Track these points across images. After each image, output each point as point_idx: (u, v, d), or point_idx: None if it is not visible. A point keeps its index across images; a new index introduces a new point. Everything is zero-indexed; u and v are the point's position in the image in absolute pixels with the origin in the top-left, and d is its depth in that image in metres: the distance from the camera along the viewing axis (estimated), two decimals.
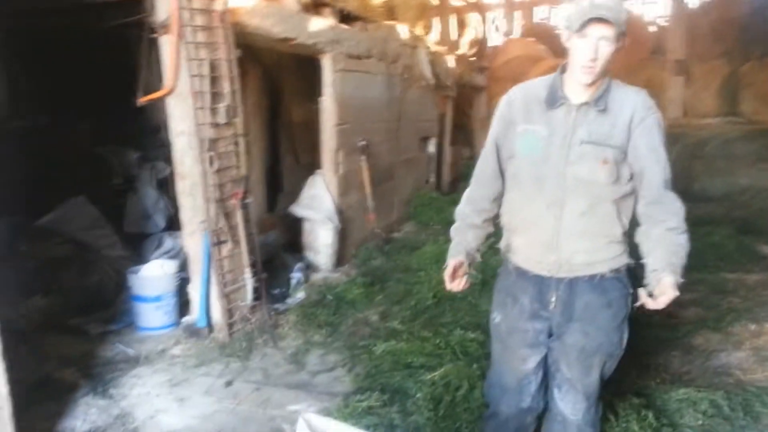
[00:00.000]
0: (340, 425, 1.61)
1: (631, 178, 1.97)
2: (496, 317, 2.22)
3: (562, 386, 2.12)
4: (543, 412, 2.26)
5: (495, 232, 2.29)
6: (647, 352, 3.50)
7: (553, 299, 2.04)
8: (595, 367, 2.07)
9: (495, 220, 2.24)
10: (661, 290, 1.86)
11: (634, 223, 2.07)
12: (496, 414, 2.29)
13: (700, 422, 2.76)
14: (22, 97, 5.47)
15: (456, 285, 2.14)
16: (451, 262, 2.16)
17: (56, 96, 5.37)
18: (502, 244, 2.21)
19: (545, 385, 2.21)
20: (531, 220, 2.04)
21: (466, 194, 2.25)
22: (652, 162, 1.94)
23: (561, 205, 1.95)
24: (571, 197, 1.95)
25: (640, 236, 2.01)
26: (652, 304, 1.89)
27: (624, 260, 2.05)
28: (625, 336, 2.09)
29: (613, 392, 2.74)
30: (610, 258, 2.02)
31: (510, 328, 2.16)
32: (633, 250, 2.09)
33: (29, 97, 5.45)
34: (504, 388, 2.23)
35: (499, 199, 2.19)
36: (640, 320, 3.86)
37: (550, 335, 2.12)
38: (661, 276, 1.86)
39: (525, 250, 2.09)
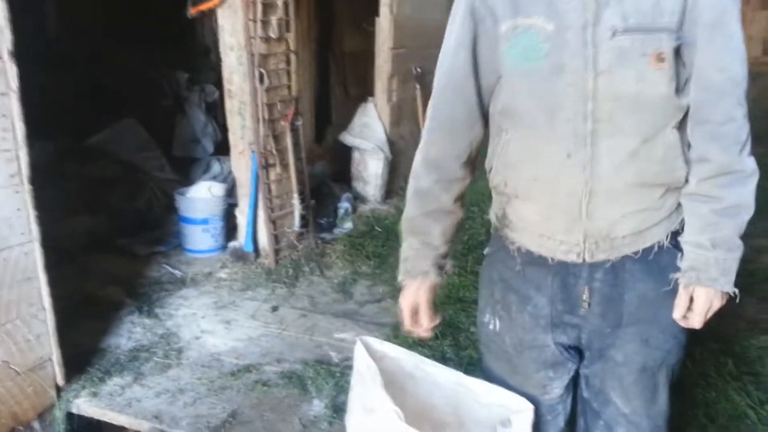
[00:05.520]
0: (401, 350, 1.43)
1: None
2: (493, 322, 1.44)
3: (615, 427, 1.40)
4: None
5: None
6: None
7: (586, 296, 1.32)
8: (662, 387, 1.38)
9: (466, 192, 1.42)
10: (678, 303, 1.26)
11: None
12: None
13: None
14: (75, 20, 5.37)
15: (426, 324, 1.40)
16: (412, 294, 1.37)
17: (108, 18, 5.25)
18: (493, 214, 1.44)
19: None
20: (544, 178, 1.27)
21: (423, 157, 1.36)
22: (709, 44, 1.17)
23: (592, 145, 1.20)
24: (609, 130, 1.20)
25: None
26: (683, 322, 1.28)
27: (681, 213, 1.31)
28: None
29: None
30: (666, 216, 1.29)
31: (518, 342, 1.40)
32: None
33: (81, 19, 5.34)
34: None
35: (474, 157, 1.38)
36: None
37: (579, 350, 1.41)
38: (681, 281, 1.26)
39: (538, 225, 1.32)
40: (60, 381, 2.43)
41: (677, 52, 1.17)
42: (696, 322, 1.26)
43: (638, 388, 1.36)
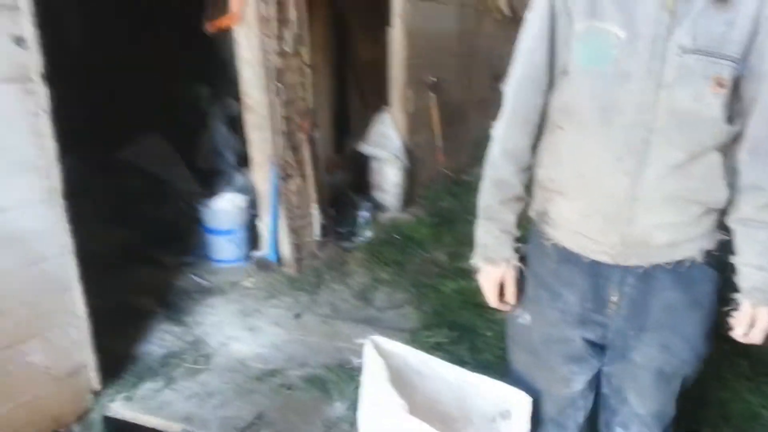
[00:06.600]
0: (408, 348, 1.52)
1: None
2: (523, 316, 1.54)
3: (630, 425, 1.52)
4: None
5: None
6: None
7: (615, 298, 1.40)
8: (676, 393, 1.49)
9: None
10: (740, 321, 1.36)
11: None
12: None
13: None
14: (98, 34, 5.54)
15: (514, 301, 1.52)
16: (497, 277, 1.49)
17: (131, 32, 5.41)
18: (534, 210, 1.53)
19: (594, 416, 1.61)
20: (590, 177, 1.34)
21: (502, 147, 1.44)
22: None
23: (643, 153, 1.27)
24: (661, 142, 1.26)
25: (731, 212, 1.37)
26: (742, 339, 1.39)
27: (718, 235, 1.40)
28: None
29: (710, 350, 2.58)
30: (702, 235, 1.37)
31: (545, 335, 1.49)
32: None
33: (104, 33, 5.51)
34: (539, 419, 1.56)
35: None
36: None
37: (602, 347, 1.50)
38: (744, 301, 1.35)
39: (576, 223, 1.40)
40: (96, 386, 2.55)
41: (736, 82, 1.24)
42: (759, 338, 1.37)
43: (653, 391, 1.46)
